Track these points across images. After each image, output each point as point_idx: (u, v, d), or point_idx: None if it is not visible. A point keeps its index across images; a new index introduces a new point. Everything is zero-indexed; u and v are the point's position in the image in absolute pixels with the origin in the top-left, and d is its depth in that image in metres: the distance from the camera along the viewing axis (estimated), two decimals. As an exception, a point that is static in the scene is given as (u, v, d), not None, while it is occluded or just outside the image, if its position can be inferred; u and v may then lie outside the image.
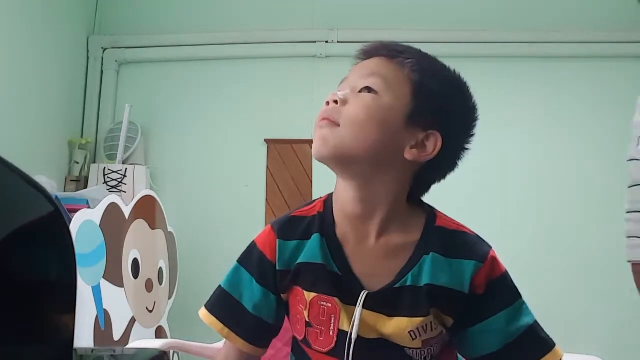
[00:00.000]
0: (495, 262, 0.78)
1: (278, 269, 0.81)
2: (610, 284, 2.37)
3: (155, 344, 1.38)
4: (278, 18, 2.80)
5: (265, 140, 2.69)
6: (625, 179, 1.19)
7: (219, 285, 0.86)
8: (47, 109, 2.47)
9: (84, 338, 1.75)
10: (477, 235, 0.80)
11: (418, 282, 0.76)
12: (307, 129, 2.55)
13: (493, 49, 2.68)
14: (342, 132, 0.74)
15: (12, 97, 2.22)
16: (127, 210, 2.14)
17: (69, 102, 2.67)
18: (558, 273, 2.45)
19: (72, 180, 2.53)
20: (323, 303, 0.78)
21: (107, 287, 1.93)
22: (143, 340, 1.78)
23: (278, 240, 0.81)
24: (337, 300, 0.78)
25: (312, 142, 0.78)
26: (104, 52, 2.81)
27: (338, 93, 0.77)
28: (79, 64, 2.76)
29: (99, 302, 1.88)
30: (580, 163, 2.55)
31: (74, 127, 2.71)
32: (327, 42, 2.71)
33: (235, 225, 2.58)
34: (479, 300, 0.76)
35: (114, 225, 2.04)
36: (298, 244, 0.81)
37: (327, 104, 0.77)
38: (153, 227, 2.32)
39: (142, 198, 2.27)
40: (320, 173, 2.49)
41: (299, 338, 0.83)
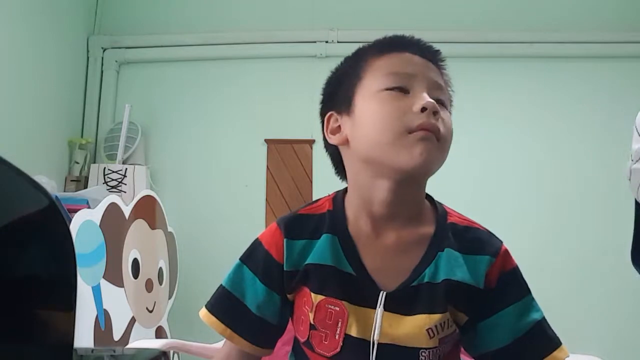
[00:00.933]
0: (507, 255, 0.78)
1: (286, 269, 0.78)
2: (611, 284, 2.38)
3: (155, 344, 1.38)
4: (278, 18, 2.80)
5: (265, 140, 2.69)
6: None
7: (220, 285, 0.83)
8: (47, 109, 2.47)
9: (84, 338, 1.75)
10: (487, 231, 0.81)
11: (435, 278, 0.75)
12: (307, 129, 2.55)
13: (493, 49, 2.68)
14: (441, 149, 0.74)
15: (12, 97, 2.22)
16: (127, 210, 2.14)
17: (69, 102, 2.67)
18: (558, 273, 2.45)
19: (72, 180, 2.53)
20: (331, 306, 0.76)
21: (107, 287, 1.93)
22: (143, 340, 1.78)
23: (285, 240, 0.78)
24: (345, 304, 0.75)
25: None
26: (104, 52, 2.81)
27: (436, 104, 0.74)
28: (79, 64, 2.76)
29: (99, 302, 1.88)
30: (580, 163, 2.55)
31: (74, 127, 2.70)
32: (327, 42, 2.71)
33: (235, 225, 2.58)
34: (492, 294, 0.76)
35: (114, 225, 2.04)
36: (306, 244, 0.78)
37: (423, 111, 0.72)
38: (153, 227, 2.32)
39: (142, 198, 2.27)
40: (320, 173, 2.49)
41: (302, 340, 0.81)
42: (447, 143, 0.75)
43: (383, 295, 0.74)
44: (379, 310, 0.74)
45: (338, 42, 2.69)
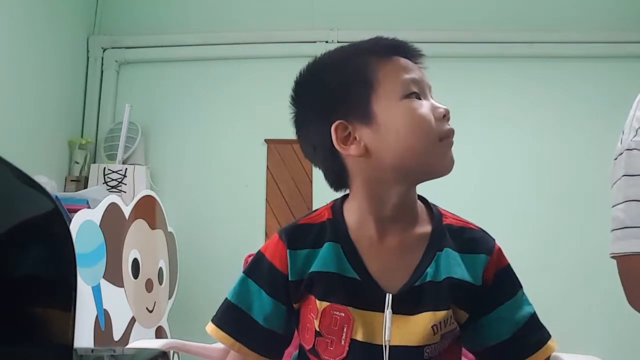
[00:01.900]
0: (501, 253, 0.82)
1: (290, 280, 0.79)
2: (611, 284, 2.36)
3: (155, 344, 1.38)
4: (278, 18, 2.80)
5: (265, 140, 2.69)
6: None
7: (226, 299, 0.83)
8: (47, 109, 2.47)
9: (84, 338, 1.75)
10: (481, 229, 0.83)
11: (437, 277, 0.77)
12: (307, 129, 2.54)
13: (493, 49, 2.68)
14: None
15: (12, 97, 2.22)
16: (127, 210, 2.14)
17: (69, 102, 2.67)
18: (558, 273, 2.45)
19: (72, 180, 2.53)
20: (336, 312, 0.77)
21: (107, 287, 1.93)
22: (143, 340, 1.77)
23: (288, 250, 0.79)
24: (350, 309, 0.76)
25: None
26: (104, 52, 2.81)
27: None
28: (79, 64, 2.76)
29: (99, 302, 1.88)
30: (580, 163, 2.55)
31: (74, 127, 2.70)
32: (327, 42, 2.71)
33: (235, 225, 2.59)
34: (489, 291, 0.78)
35: (114, 225, 2.04)
36: (309, 253, 0.79)
37: (444, 118, 0.77)
38: (153, 227, 2.32)
39: (142, 198, 2.27)
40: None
41: (307, 347, 0.81)
42: None
43: (390, 298, 0.76)
44: (388, 313, 0.75)
45: (338, 42, 2.69)
